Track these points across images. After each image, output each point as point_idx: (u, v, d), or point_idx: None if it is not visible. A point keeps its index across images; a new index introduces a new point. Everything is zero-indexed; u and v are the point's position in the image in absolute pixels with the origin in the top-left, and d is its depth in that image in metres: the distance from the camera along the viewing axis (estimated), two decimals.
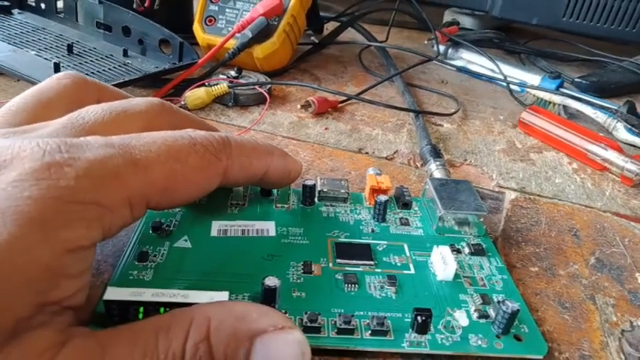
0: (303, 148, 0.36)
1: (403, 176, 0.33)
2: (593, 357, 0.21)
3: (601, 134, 0.40)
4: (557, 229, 0.29)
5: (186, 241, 0.23)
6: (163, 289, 0.17)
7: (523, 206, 0.31)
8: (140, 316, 0.17)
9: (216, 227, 0.24)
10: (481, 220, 0.25)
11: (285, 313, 0.19)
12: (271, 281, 0.19)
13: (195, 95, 0.39)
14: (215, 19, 0.47)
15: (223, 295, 0.17)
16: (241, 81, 0.42)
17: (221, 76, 0.43)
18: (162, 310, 0.17)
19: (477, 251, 0.24)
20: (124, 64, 0.42)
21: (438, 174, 0.31)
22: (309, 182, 0.26)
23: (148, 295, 0.17)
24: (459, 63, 0.58)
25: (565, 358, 0.20)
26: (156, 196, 0.17)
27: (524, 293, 0.24)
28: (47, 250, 0.14)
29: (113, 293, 0.17)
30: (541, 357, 0.19)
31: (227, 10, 0.47)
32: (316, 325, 0.18)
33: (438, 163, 0.32)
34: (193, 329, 0.14)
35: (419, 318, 0.19)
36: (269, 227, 0.24)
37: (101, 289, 0.21)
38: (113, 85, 0.36)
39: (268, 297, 0.19)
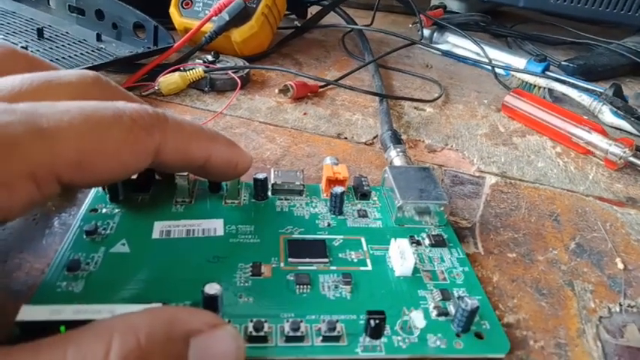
0: (280, 133, 0.35)
1: (381, 161, 0.32)
2: (568, 345, 0.20)
3: (586, 117, 0.39)
4: (538, 214, 0.28)
5: (124, 245, 0.21)
6: (91, 302, 0.15)
7: (503, 191, 0.31)
8: None
9: (159, 228, 0.22)
10: (442, 209, 0.24)
11: (229, 321, 0.18)
12: (212, 288, 0.17)
13: (169, 80, 0.38)
14: (192, 2, 0.46)
15: (154, 306, 0.15)
16: (217, 65, 0.40)
17: (197, 61, 0.41)
18: None
19: (438, 242, 0.23)
20: (97, 49, 0.41)
21: (398, 161, 0.29)
22: (261, 175, 0.24)
23: (68, 312, 0.15)
24: (444, 47, 0.57)
25: (540, 346, 0.20)
26: (69, 172, 0.15)
27: (500, 280, 0.23)
28: None
29: (28, 313, 0.15)
30: (503, 355, 0.18)
31: None
32: (262, 334, 0.17)
33: (398, 149, 0.30)
34: (117, 341, 0.13)
35: (372, 322, 0.17)
36: (217, 226, 0.22)
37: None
38: (82, 69, 0.35)
39: (209, 305, 0.17)
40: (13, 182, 0.14)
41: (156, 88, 0.37)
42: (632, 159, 0.33)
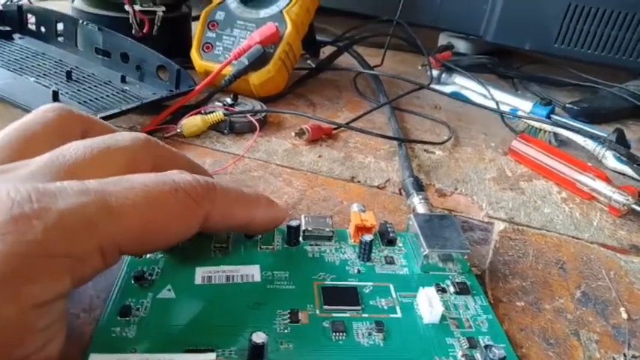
0: (297, 176, 0.36)
1: (394, 206, 0.34)
2: None
3: (590, 163, 0.40)
4: (545, 262, 0.30)
5: (169, 291, 0.22)
6: (145, 347, 0.16)
7: (511, 237, 0.32)
8: None
9: (200, 274, 0.23)
10: (465, 257, 0.25)
11: None
12: (259, 337, 0.18)
13: (191, 123, 0.40)
14: (212, 46, 0.48)
15: (210, 357, 0.17)
16: (236, 109, 0.42)
17: (217, 104, 0.43)
18: None
19: (462, 290, 0.24)
20: (122, 91, 0.43)
21: (421, 208, 0.31)
22: (294, 223, 0.26)
23: None
24: (452, 88, 0.59)
25: None
26: (130, 244, 0.17)
27: (509, 329, 0.24)
28: (12, 308, 0.14)
29: None
30: None
31: (224, 37, 0.48)
32: None
33: (420, 196, 0.32)
34: None
35: None
36: (254, 272, 0.24)
37: (93, 326, 0.21)
38: (111, 114, 0.37)
39: (256, 354, 0.18)
40: (87, 257, 0.15)
41: (178, 130, 0.39)
42: (634, 206, 0.35)
